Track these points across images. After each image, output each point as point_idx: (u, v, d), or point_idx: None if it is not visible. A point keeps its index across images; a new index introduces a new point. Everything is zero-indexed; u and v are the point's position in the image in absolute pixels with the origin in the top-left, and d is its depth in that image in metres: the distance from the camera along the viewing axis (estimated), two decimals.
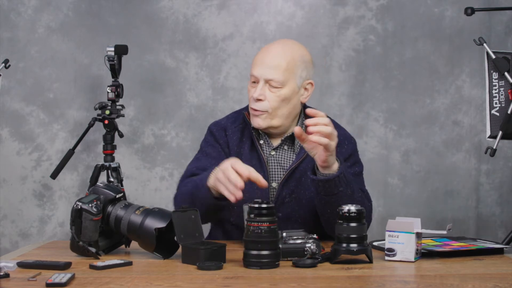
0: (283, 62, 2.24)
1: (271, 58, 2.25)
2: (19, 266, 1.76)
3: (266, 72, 2.23)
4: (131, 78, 3.88)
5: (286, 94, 2.25)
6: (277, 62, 2.24)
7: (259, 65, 2.26)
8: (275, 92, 2.24)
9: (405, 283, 1.65)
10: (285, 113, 2.27)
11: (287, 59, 2.25)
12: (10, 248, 3.84)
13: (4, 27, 3.92)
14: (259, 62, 2.26)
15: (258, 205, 1.77)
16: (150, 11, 3.96)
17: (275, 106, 2.24)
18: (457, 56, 3.98)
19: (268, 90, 2.24)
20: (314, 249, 1.83)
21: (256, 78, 2.26)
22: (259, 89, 2.24)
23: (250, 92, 2.28)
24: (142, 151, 3.97)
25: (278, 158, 2.31)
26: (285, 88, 2.24)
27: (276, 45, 2.31)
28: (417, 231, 1.85)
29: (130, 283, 1.61)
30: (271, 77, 2.23)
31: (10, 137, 3.93)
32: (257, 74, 2.25)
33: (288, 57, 2.25)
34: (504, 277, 1.68)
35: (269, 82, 2.23)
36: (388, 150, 4.00)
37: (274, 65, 2.23)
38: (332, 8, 3.98)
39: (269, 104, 2.24)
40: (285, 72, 2.24)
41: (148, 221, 1.87)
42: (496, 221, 4.03)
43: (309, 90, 2.31)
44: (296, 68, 2.26)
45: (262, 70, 2.24)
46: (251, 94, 2.27)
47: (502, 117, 3.29)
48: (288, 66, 2.24)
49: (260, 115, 2.26)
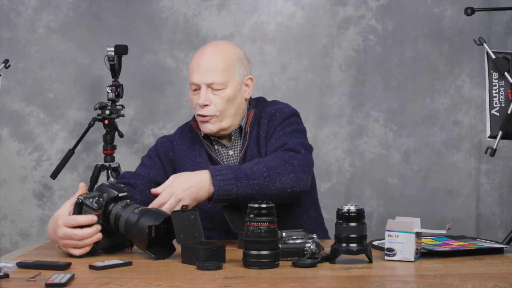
0: (219, 63, 2.22)
1: (206, 62, 2.23)
2: (18, 266, 1.76)
3: (205, 77, 2.21)
4: (131, 78, 3.88)
5: (230, 94, 2.23)
6: (214, 64, 2.22)
7: (196, 71, 2.23)
8: (219, 94, 2.22)
9: (405, 283, 1.65)
10: (233, 112, 2.26)
11: (222, 59, 2.23)
12: (10, 248, 3.84)
13: (4, 27, 3.92)
14: (196, 69, 2.23)
15: (257, 205, 1.77)
16: (150, 11, 3.96)
17: (222, 108, 2.23)
18: (457, 56, 3.98)
19: (212, 94, 2.22)
20: (313, 249, 1.83)
21: (197, 86, 2.23)
22: (203, 95, 2.21)
23: (194, 100, 2.24)
24: (142, 151, 3.97)
25: (236, 156, 2.29)
26: (227, 88, 2.23)
27: (208, 48, 2.28)
28: (416, 231, 1.85)
29: (130, 283, 1.61)
30: (212, 80, 2.21)
31: (10, 137, 3.94)
32: (197, 81, 2.22)
33: (223, 57, 2.24)
34: (504, 277, 1.68)
35: (211, 86, 2.21)
36: (388, 150, 4.00)
37: (211, 68, 2.21)
38: (332, 8, 3.98)
39: (216, 107, 2.22)
40: (224, 72, 2.22)
41: (143, 220, 1.87)
42: (496, 221, 4.02)
43: (250, 86, 2.31)
44: (233, 66, 2.25)
45: (200, 76, 2.22)
46: (196, 102, 2.23)
47: (502, 117, 3.29)
48: (225, 66, 2.23)
49: (210, 120, 2.23)
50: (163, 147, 2.34)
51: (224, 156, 2.29)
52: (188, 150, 2.31)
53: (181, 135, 2.35)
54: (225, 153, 2.29)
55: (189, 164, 2.27)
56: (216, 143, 2.30)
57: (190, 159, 2.29)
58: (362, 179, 3.97)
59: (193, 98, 2.25)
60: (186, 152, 2.31)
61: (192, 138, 2.33)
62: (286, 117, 2.28)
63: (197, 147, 2.31)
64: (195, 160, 2.28)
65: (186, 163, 2.28)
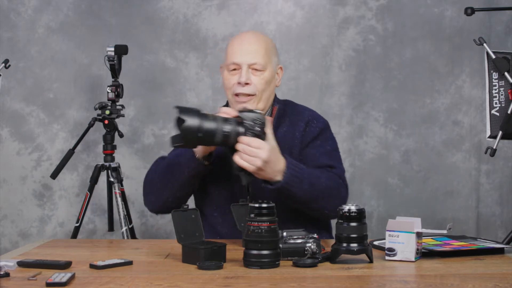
0: (261, 47, 2.30)
1: (250, 44, 2.30)
2: (19, 266, 1.76)
3: (248, 57, 2.27)
4: (131, 78, 3.88)
5: (269, 76, 2.30)
6: (256, 47, 2.29)
7: (238, 52, 2.29)
8: (259, 75, 2.28)
9: (405, 283, 1.65)
10: (268, 96, 2.32)
11: (262, 44, 2.31)
12: (10, 248, 3.84)
13: (4, 27, 3.92)
14: (238, 49, 2.30)
15: (258, 205, 1.77)
16: (150, 11, 3.96)
17: (261, 88, 2.28)
18: (457, 56, 3.98)
19: (252, 74, 2.28)
20: (314, 249, 1.83)
21: (237, 65, 2.28)
22: (244, 74, 2.26)
23: (232, 79, 2.28)
24: (142, 151, 3.97)
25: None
26: (267, 71, 2.29)
27: (249, 33, 2.40)
28: (417, 231, 1.85)
29: (130, 283, 1.61)
30: (254, 60, 2.27)
31: (10, 137, 3.93)
32: (239, 60, 2.27)
33: (262, 43, 2.32)
34: (505, 277, 1.68)
35: (253, 66, 2.27)
36: (388, 150, 4.00)
37: (254, 50, 2.28)
38: (332, 8, 3.98)
39: (256, 87, 2.27)
40: (265, 56, 2.29)
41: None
42: (496, 221, 4.02)
43: (279, 75, 2.39)
44: (271, 53, 2.33)
45: (243, 56, 2.28)
46: (235, 80, 2.27)
47: (502, 117, 3.29)
48: (265, 51, 2.30)
49: (248, 100, 2.27)
50: None
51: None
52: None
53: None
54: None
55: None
56: None
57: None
58: (362, 179, 3.97)
59: (230, 78, 2.29)
60: None
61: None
62: (324, 128, 2.36)
63: None
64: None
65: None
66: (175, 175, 2.19)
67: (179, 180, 2.19)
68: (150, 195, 2.29)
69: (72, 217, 3.87)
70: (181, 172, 2.17)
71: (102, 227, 3.93)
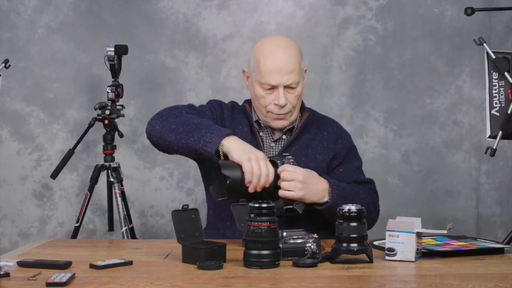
0: (294, 64, 2.32)
1: (285, 63, 2.30)
2: (19, 265, 1.76)
3: (285, 78, 2.29)
4: (131, 78, 3.88)
5: (300, 91, 2.36)
6: (291, 66, 2.31)
7: (275, 73, 2.29)
8: (293, 92, 2.33)
9: (405, 282, 1.65)
10: (299, 107, 2.39)
11: (295, 58, 2.33)
12: (10, 248, 3.84)
13: (4, 27, 3.92)
14: (275, 70, 2.29)
15: (258, 205, 1.77)
16: (150, 11, 3.96)
17: (295, 104, 2.34)
18: (457, 56, 3.98)
19: (287, 92, 2.31)
20: (314, 249, 1.83)
21: (274, 86, 2.30)
22: (282, 96, 2.29)
23: (268, 98, 2.31)
24: (142, 151, 3.97)
25: (277, 149, 2.38)
26: (299, 85, 2.34)
27: (280, 48, 2.34)
28: (417, 231, 1.85)
29: (130, 283, 1.61)
30: (291, 81, 2.30)
31: (10, 137, 3.93)
32: (277, 82, 2.29)
33: (294, 56, 2.33)
34: (505, 277, 1.68)
35: (289, 85, 2.31)
36: (388, 150, 4.00)
37: (290, 70, 2.30)
38: (332, 8, 3.97)
39: (291, 105, 2.33)
40: (299, 72, 2.33)
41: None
42: (496, 221, 4.02)
43: (304, 77, 2.42)
44: (301, 63, 2.36)
45: (280, 78, 2.29)
46: (270, 101, 2.30)
47: (502, 117, 3.29)
48: (298, 65, 2.33)
49: (284, 118, 2.34)
50: (215, 108, 2.43)
51: (266, 145, 2.38)
52: (232, 124, 2.39)
53: (230, 111, 2.43)
54: (268, 143, 2.38)
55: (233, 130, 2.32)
56: (263, 131, 2.39)
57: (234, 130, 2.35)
58: None
59: (266, 97, 2.32)
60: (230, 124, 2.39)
61: (238, 119, 2.41)
62: (352, 144, 2.48)
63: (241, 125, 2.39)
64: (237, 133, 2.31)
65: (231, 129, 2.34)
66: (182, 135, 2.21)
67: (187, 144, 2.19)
68: (158, 122, 2.34)
69: (72, 217, 3.87)
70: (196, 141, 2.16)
71: (102, 227, 3.93)
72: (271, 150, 2.37)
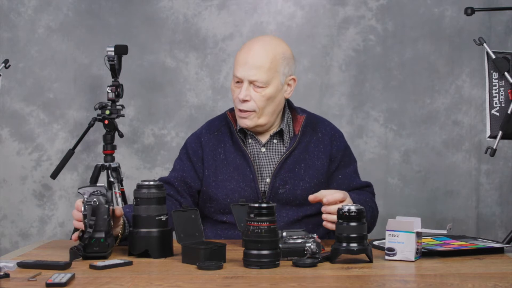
0: (266, 61, 2.24)
1: (253, 58, 2.24)
2: (19, 266, 1.76)
3: (250, 73, 2.24)
4: (131, 78, 3.88)
5: (271, 93, 2.26)
6: (260, 62, 2.24)
7: (242, 65, 2.25)
8: (260, 92, 2.25)
9: (405, 282, 1.65)
10: (271, 111, 2.29)
11: (269, 58, 2.25)
12: (10, 248, 3.84)
13: (4, 27, 3.92)
14: (242, 63, 2.26)
15: (258, 205, 1.77)
16: (150, 11, 3.96)
17: (261, 105, 2.26)
18: (457, 56, 3.98)
19: (253, 90, 2.25)
20: (314, 249, 1.83)
21: (239, 79, 2.26)
22: (244, 90, 2.25)
23: (235, 92, 2.29)
24: (142, 151, 3.97)
25: (268, 154, 2.33)
26: (269, 87, 2.25)
27: (257, 44, 2.29)
28: (417, 231, 1.85)
29: (130, 283, 1.61)
30: (255, 78, 2.24)
31: (10, 137, 3.93)
32: (241, 75, 2.25)
33: (270, 55, 2.25)
34: (504, 277, 1.68)
35: (253, 82, 2.24)
36: (388, 150, 4.00)
37: (257, 66, 2.24)
38: (332, 8, 3.98)
39: (255, 104, 2.26)
40: (269, 72, 2.24)
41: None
42: (496, 221, 4.02)
43: (292, 86, 2.34)
44: (279, 66, 2.26)
45: (245, 71, 2.24)
46: (236, 95, 2.27)
47: (502, 117, 3.29)
48: (271, 65, 2.24)
49: (248, 116, 2.27)
50: (192, 147, 2.37)
51: (255, 152, 2.32)
52: (214, 147, 2.34)
53: (209, 131, 2.39)
54: (257, 149, 2.33)
55: (213, 161, 2.31)
56: (251, 137, 2.34)
57: (214, 156, 2.32)
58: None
59: (234, 91, 2.29)
60: (212, 148, 2.34)
61: (218, 136, 2.36)
62: (346, 144, 2.43)
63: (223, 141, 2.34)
64: (219, 158, 2.32)
65: (211, 159, 2.32)
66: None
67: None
68: None
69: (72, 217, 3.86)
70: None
71: None
72: (262, 156, 2.32)
